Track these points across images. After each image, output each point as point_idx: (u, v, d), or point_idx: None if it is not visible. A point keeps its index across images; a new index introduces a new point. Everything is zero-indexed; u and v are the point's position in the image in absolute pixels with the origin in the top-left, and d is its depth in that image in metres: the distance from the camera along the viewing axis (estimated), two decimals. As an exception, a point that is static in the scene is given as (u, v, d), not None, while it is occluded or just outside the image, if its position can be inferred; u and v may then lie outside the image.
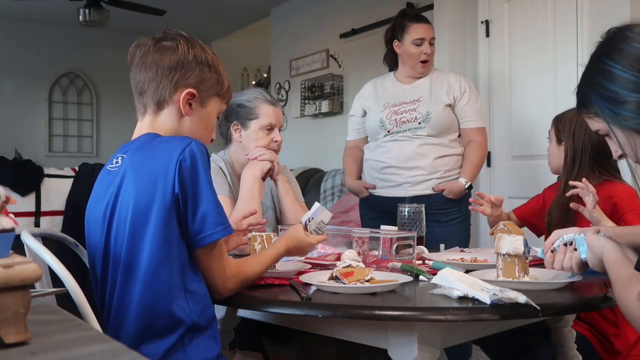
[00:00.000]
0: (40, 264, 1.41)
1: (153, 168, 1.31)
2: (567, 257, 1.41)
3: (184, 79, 1.44)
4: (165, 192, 1.29)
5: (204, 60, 1.47)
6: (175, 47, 1.44)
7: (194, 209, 1.31)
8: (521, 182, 3.47)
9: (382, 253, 1.76)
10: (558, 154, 2.16)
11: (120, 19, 6.21)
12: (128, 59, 1.49)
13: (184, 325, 1.31)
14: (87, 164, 4.26)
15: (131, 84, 1.48)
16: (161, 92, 1.43)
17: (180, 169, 1.29)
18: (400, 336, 1.34)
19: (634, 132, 1.24)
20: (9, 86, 7.15)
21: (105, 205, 1.38)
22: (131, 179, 1.33)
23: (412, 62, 2.72)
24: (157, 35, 1.48)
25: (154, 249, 1.29)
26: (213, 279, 1.37)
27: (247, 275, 1.43)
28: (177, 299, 1.30)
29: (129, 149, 1.41)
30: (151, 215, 1.29)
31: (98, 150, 7.58)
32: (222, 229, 1.33)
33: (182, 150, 1.30)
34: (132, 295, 1.31)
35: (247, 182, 2.06)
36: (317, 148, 5.45)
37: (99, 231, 1.40)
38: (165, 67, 1.42)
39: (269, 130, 2.20)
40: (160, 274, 1.29)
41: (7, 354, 0.73)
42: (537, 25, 3.36)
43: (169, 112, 1.45)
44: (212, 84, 1.49)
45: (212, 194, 1.33)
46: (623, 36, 1.26)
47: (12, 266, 0.76)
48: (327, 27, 5.41)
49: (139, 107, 1.48)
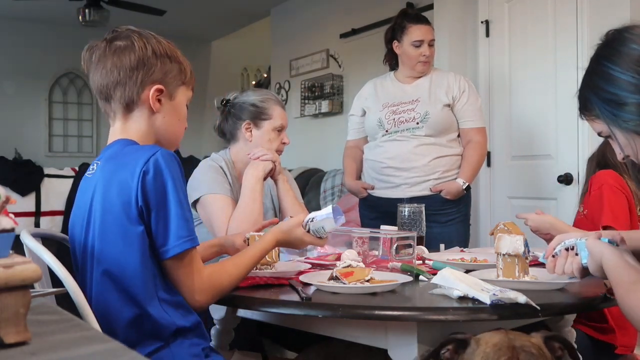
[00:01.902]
0: (40, 264, 1.41)
1: (119, 180, 1.31)
2: (568, 262, 1.41)
3: (149, 75, 1.40)
4: (129, 203, 1.29)
5: (162, 52, 1.43)
6: (132, 45, 1.40)
7: (158, 220, 1.29)
8: (521, 182, 3.47)
9: (382, 253, 1.76)
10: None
11: (120, 19, 6.19)
12: (82, 65, 1.45)
13: (167, 329, 1.31)
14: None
15: (92, 90, 1.46)
16: (128, 94, 1.40)
17: (144, 180, 1.28)
18: (400, 336, 1.34)
19: (635, 133, 1.24)
20: (9, 86, 7.15)
21: (83, 210, 1.39)
22: (100, 190, 1.34)
23: (411, 63, 2.72)
24: (107, 36, 1.44)
25: (124, 257, 1.29)
26: (181, 291, 1.35)
27: (221, 286, 1.39)
28: (154, 307, 1.30)
29: (102, 157, 1.42)
30: (115, 225, 1.30)
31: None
32: (184, 241, 1.30)
33: (146, 161, 1.29)
34: (114, 304, 1.31)
35: (249, 182, 2.06)
36: (317, 148, 5.45)
37: (77, 237, 1.41)
38: (127, 69, 1.39)
39: (279, 132, 2.22)
40: (134, 280, 1.29)
41: (7, 354, 0.73)
42: (537, 25, 3.36)
43: (139, 113, 1.43)
44: (176, 74, 1.46)
45: (178, 207, 1.30)
46: (621, 38, 1.26)
47: (12, 266, 0.76)
48: (327, 27, 5.41)
49: (109, 113, 1.46)
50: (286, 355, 2.23)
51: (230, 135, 2.28)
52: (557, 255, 1.44)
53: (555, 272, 1.44)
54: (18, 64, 7.19)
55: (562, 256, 1.42)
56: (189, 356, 1.32)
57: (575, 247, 1.40)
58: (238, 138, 2.25)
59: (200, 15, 6.76)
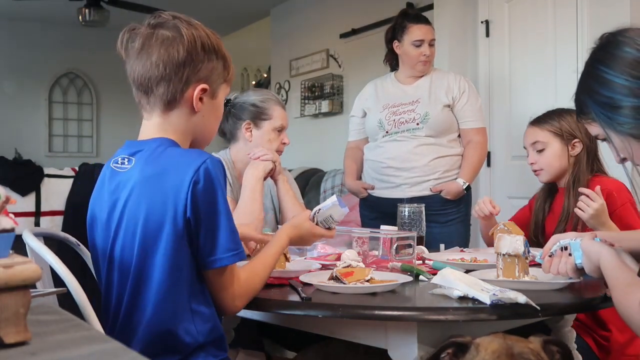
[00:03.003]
0: (42, 264, 1.41)
1: (165, 187, 1.24)
2: (562, 262, 1.42)
3: (195, 73, 1.33)
4: (176, 214, 1.23)
5: (210, 47, 1.35)
6: (180, 37, 1.31)
7: (206, 232, 1.25)
8: (521, 182, 3.47)
9: (382, 253, 1.76)
10: (561, 155, 2.10)
11: (120, 19, 6.19)
12: (119, 48, 1.35)
13: (189, 347, 1.27)
14: (87, 164, 4.26)
15: (129, 77, 1.35)
16: (172, 91, 1.32)
17: (194, 191, 1.22)
18: (400, 336, 1.34)
19: (630, 136, 1.24)
20: (9, 86, 7.15)
21: (111, 208, 1.32)
22: (142, 194, 1.27)
23: (412, 62, 2.72)
24: (151, 21, 1.33)
25: (164, 271, 1.25)
26: (222, 298, 1.32)
27: (255, 288, 1.38)
28: (183, 321, 1.26)
29: (139, 153, 1.33)
30: (162, 237, 1.24)
31: (98, 150, 7.58)
32: (233, 254, 1.27)
33: (197, 169, 1.22)
34: (141, 314, 1.27)
35: (249, 182, 2.06)
36: (317, 148, 5.45)
37: (103, 234, 1.35)
38: (174, 64, 1.30)
39: (279, 132, 2.22)
40: (169, 296, 1.25)
41: (7, 354, 0.73)
42: (537, 25, 3.36)
43: (179, 112, 1.35)
44: (220, 72, 1.39)
45: (227, 217, 1.26)
46: (615, 41, 1.27)
47: (12, 266, 0.76)
48: (327, 27, 5.41)
49: (145, 105, 1.36)
50: (286, 355, 2.23)
51: (231, 135, 2.28)
52: (553, 255, 1.44)
53: (551, 271, 1.44)
54: (18, 64, 7.19)
55: (557, 256, 1.43)
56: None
57: (569, 247, 1.41)
58: (238, 138, 2.25)
59: (200, 15, 6.70)
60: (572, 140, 2.09)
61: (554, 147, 2.10)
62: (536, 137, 2.13)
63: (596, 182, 2.00)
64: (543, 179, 2.16)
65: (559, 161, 2.09)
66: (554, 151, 2.09)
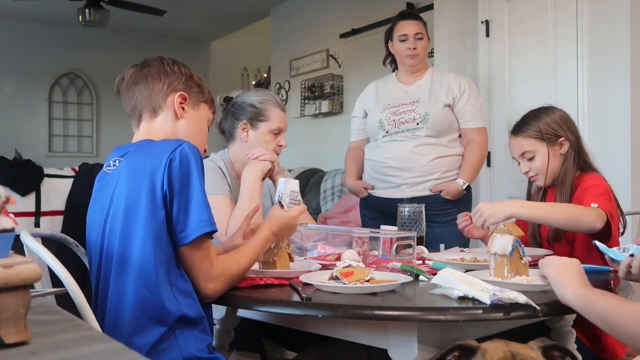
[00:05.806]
0: (40, 264, 1.41)
1: (145, 165, 1.36)
2: None
3: (173, 84, 1.53)
4: (154, 188, 1.33)
5: (185, 72, 1.57)
6: (160, 62, 1.55)
7: (179, 206, 1.34)
8: (521, 182, 3.46)
9: (382, 253, 1.76)
10: (552, 156, 2.07)
11: (120, 19, 6.21)
12: (115, 90, 1.58)
13: (172, 315, 1.34)
14: (87, 164, 4.26)
15: (125, 109, 1.56)
16: (155, 99, 1.52)
17: (170, 166, 1.33)
18: (400, 336, 1.34)
19: None
20: (9, 86, 7.16)
21: (103, 206, 1.43)
22: (124, 177, 1.39)
23: (400, 57, 2.74)
24: (137, 63, 1.57)
25: (144, 241, 1.33)
26: (197, 279, 1.39)
27: (231, 273, 1.43)
28: (165, 290, 1.34)
29: (127, 152, 1.46)
30: (140, 208, 1.34)
31: (98, 150, 7.58)
32: (204, 224, 1.34)
33: (174, 149, 1.35)
34: (127, 287, 1.35)
35: (247, 182, 2.06)
36: (317, 148, 5.46)
37: (97, 231, 1.44)
38: (154, 77, 1.52)
39: (276, 134, 2.21)
40: (150, 265, 1.33)
41: (7, 354, 0.73)
42: (537, 25, 3.36)
43: (164, 117, 1.53)
44: (197, 92, 1.59)
45: (201, 194, 1.36)
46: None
47: (12, 266, 0.76)
48: (327, 27, 5.42)
49: (134, 121, 1.56)
50: (286, 355, 2.23)
51: (229, 134, 2.27)
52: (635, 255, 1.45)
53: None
54: (18, 64, 7.19)
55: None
56: (195, 350, 1.36)
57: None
58: (235, 137, 2.24)
59: (200, 15, 6.76)
60: (557, 139, 2.09)
61: (543, 152, 2.08)
62: (522, 147, 2.12)
63: (580, 179, 2.02)
64: (541, 183, 2.14)
65: (552, 163, 2.08)
66: (544, 156, 2.08)
